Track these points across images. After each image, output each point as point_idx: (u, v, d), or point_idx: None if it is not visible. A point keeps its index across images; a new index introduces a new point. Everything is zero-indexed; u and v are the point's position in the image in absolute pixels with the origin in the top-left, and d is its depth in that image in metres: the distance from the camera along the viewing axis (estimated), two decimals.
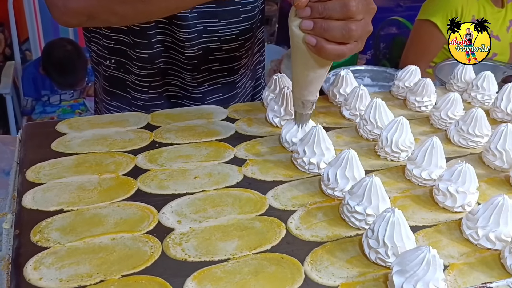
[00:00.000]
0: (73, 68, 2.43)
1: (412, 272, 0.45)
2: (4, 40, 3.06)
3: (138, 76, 0.85)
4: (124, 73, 0.86)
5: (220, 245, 0.52)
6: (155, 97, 0.87)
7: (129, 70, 0.85)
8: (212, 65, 0.86)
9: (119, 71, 0.86)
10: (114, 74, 0.86)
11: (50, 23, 2.73)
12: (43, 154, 0.66)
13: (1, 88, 2.31)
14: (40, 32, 2.72)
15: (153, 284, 0.46)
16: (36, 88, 2.51)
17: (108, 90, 0.88)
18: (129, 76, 0.85)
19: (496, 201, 0.54)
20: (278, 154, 0.70)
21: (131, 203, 0.58)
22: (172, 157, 0.67)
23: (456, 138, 0.76)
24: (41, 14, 2.70)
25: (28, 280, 0.46)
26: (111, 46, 0.84)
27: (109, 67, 0.86)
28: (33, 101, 2.52)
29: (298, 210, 0.58)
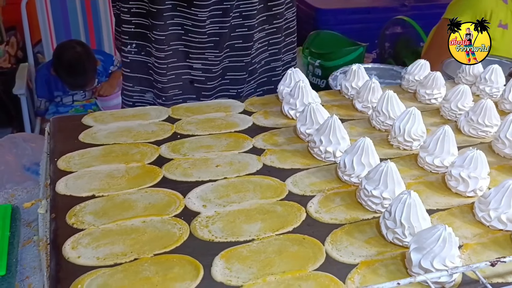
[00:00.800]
0: (82, 69, 2.48)
1: (429, 249, 0.48)
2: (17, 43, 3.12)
3: (157, 58, 0.89)
4: (145, 56, 0.90)
5: (244, 227, 0.55)
6: (173, 78, 0.91)
7: (150, 52, 0.89)
8: (235, 42, 0.90)
9: (140, 54, 0.90)
10: (134, 58, 0.90)
11: (62, 25, 2.79)
12: (71, 145, 0.69)
13: (16, 89, 2.36)
14: (52, 35, 2.77)
15: (183, 262, 0.49)
16: (49, 89, 2.56)
17: (128, 76, 0.92)
18: (149, 59, 0.90)
19: (507, 184, 0.57)
20: (294, 144, 0.73)
21: (158, 189, 0.61)
22: (194, 147, 0.71)
23: (466, 128, 0.78)
24: (53, 16, 2.75)
25: (68, 258, 0.49)
26: (131, 30, 0.88)
27: (130, 52, 0.90)
28: (46, 102, 2.57)
29: (317, 195, 0.61)
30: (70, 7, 2.79)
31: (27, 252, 0.59)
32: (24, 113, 2.42)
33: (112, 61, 2.72)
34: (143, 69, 0.92)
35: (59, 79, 2.51)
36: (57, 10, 2.76)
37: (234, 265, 0.49)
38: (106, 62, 2.68)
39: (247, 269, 0.49)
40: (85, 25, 2.87)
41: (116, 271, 0.48)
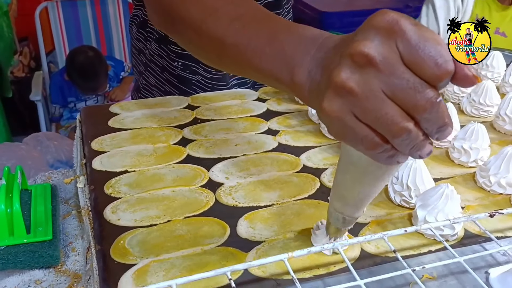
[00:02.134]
0: (94, 73, 2.56)
1: (433, 206, 0.53)
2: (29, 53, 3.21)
3: (203, 77, 0.93)
4: (190, 74, 0.93)
5: (264, 195, 0.60)
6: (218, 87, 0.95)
7: (195, 71, 0.92)
8: None
9: (185, 72, 0.93)
10: (181, 74, 0.93)
11: (74, 33, 2.88)
12: (102, 130, 0.75)
13: (33, 95, 2.45)
14: (65, 43, 2.87)
15: (211, 222, 0.55)
16: (63, 95, 2.65)
17: (176, 85, 0.94)
18: (194, 76, 0.92)
19: (505, 151, 0.61)
20: (307, 125, 0.78)
21: (184, 164, 0.67)
22: (214, 129, 0.76)
23: (468, 109, 0.83)
24: (65, 25, 2.85)
25: (109, 221, 0.55)
26: (177, 51, 0.91)
27: (177, 67, 0.92)
28: (60, 108, 2.65)
29: (329, 168, 0.67)
30: (82, 16, 2.89)
31: (67, 224, 0.64)
32: (41, 118, 2.51)
33: (122, 67, 2.80)
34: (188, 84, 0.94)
35: (72, 86, 2.59)
36: (69, 19, 2.86)
37: (257, 225, 0.55)
38: (117, 68, 2.77)
39: (269, 228, 0.54)
40: (96, 32, 2.96)
41: (152, 230, 0.54)
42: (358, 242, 0.49)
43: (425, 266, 0.46)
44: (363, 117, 0.34)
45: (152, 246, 0.51)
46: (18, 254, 0.55)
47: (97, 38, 2.96)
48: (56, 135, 1.77)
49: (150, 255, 0.50)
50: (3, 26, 2.66)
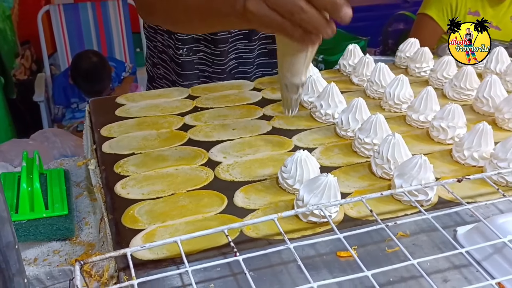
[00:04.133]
0: (98, 77, 2.62)
1: (409, 174, 0.59)
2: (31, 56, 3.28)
3: (204, 53, 1.01)
4: (192, 55, 1.01)
5: (259, 171, 0.67)
6: (218, 71, 1.03)
7: (197, 50, 1.00)
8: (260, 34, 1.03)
9: (189, 55, 1.01)
10: (184, 60, 1.01)
11: (75, 36, 2.95)
12: (110, 119, 0.81)
13: (36, 96, 2.52)
14: (67, 45, 2.94)
15: (211, 195, 0.61)
16: (66, 96, 2.71)
17: (180, 73, 1.03)
18: (196, 55, 1.01)
19: (478, 127, 0.68)
20: (299, 111, 0.83)
21: (185, 147, 0.73)
22: (213, 116, 0.83)
23: (450, 93, 0.89)
24: (67, 27, 2.92)
25: (119, 194, 0.61)
26: (183, 38, 0.99)
27: (182, 54, 1.00)
28: (63, 109, 2.72)
29: (319, 147, 0.73)
30: (83, 18, 2.96)
31: (80, 202, 0.71)
32: (43, 119, 2.58)
33: (124, 67, 2.87)
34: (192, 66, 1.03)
35: (75, 87, 2.66)
36: (71, 22, 2.93)
37: (251, 196, 0.61)
38: (118, 69, 2.83)
39: (262, 198, 0.61)
40: (98, 35, 3.03)
41: (158, 202, 0.60)
42: (339, 204, 0.55)
43: (397, 222, 0.52)
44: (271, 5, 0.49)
45: (159, 215, 0.57)
46: (38, 227, 0.62)
47: (98, 40, 3.02)
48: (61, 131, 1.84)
49: (157, 222, 0.56)
50: (6, 30, 2.73)
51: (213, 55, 1.02)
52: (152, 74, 1.13)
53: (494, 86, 0.81)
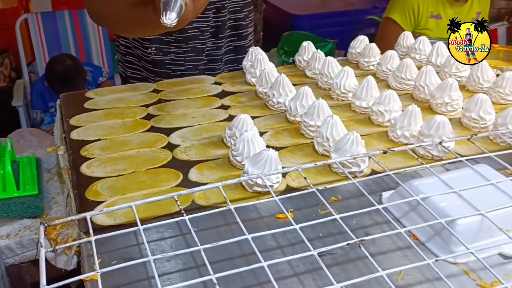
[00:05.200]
0: (73, 80, 2.66)
1: (343, 149, 0.67)
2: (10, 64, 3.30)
3: (175, 54, 1.07)
4: (163, 55, 1.07)
5: (213, 151, 0.74)
6: (190, 67, 1.09)
7: (167, 51, 1.07)
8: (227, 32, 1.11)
9: (159, 55, 1.07)
10: (155, 58, 1.08)
11: (54, 43, 2.99)
12: (79, 110, 0.87)
13: (15, 101, 2.55)
14: (45, 52, 2.97)
15: (168, 172, 0.68)
16: (44, 101, 2.75)
17: (151, 70, 1.09)
18: (167, 56, 1.07)
19: (408, 109, 0.76)
20: (255, 101, 0.92)
21: (148, 133, 0.79)
22: (175, 107, 0.89)
23: (393, 84, 0.98)
24: (45, 35, 2.96)
25: (84, 173, 0.67)
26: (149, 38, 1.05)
27: (151, 53, 1.07)
28: (41, 113, 2.75)
29: (270, 131, 0.80)
30: (61, 26, 3.00)
31: (50, 185, 0.77)
32: (22, 123, 2.60)
33: (101, 72, 2.91)
34: (162, 65, 1.09)
35: (52, 91, 2.70)
36: (49, 30, 2.97)
37: (204, 172, 0.68)
38: (95, 73, 2.88)
39: (214, 174, 0.68)
40: (75, 42, 3.07)
41: (119, 179, 0.66)
42: (278, 173, 0.62)
43: (327, 186, 0.59)
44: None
45: (119, 189, 0.64)
46: (10, 205, 0.68)
47: (76, 47, 3.07)
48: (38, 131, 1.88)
49: (117, 195, 0.63)
50: None
51: (185, 53, 1.08)
52: (125, 75, 1.18)
53: (429, 76, 0.90)
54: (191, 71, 1.10)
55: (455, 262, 0.52)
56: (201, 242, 0.51)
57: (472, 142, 0.70)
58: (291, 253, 0.53)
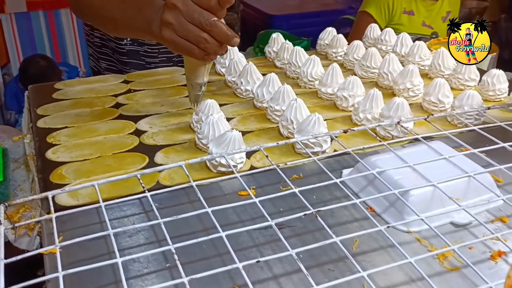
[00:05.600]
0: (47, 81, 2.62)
1: (306, 130, 0.68)
2: None
3: (149, 46, 1.08)
4: (137, 46, 1.07)
5: (180, 136, 0.75)
6: (164, 60, 1.09)
7: (142, 42, 1.07)
8: None
9: (133, 45, 1.08)
10: (130, 48, 1.08)
11: (28, 43, 2.95)
12: (47, 100, 0.87)
13: None
14: (19, 53, 2.93)
15: (134, 156, 0.69)
16: (18, 102, 2.70)
17: (126, 61, 1.09)
18: (142, 48, 1.07)
19: (370, 93, 0.78)
20: (224, 90, 0.93)
21: (116, 120, 0.80)
22: (144, 96, 0.90)
23: (359, 72, 1.01)
24: (19, 35, 2.92)
25: (50, 159, 0.68)
26: None
27: (126, 44, 1.07)
28: (16, 114, 2.71)
29: (237, 117, 0.82)
30: (36, 26, 2.97)
31: (16, 174, 0.76)
32: None
33: (77, 72, 2.89)
34: (137, 56, 1.10)
35: None
36: (23, 30, 2.93)
37: (170, 155, 0.69)
38: (71, 73, 2.85)
39: (180, 156, 0.69)
40: (50, 42, 3.04)
41: (85, 163, 0.67)
42: (241, 152, 0.64)
43: (287, 163, 0.61)
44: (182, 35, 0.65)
45: (84, 172, 0.64)
46: None
47: (51, 47, 3.03)
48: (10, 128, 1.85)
49: (82, 178, 0.63)
50: None
51: (159, 44, 1.09)
52: (96, 69, 1.18)
53: (392, 63, 0.93)
54: (165, 63, 1.11)
55: (408, 231, 0.55)
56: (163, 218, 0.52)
57: (429, 122, 0.73)
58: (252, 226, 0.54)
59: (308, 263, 0.50)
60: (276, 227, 0.51)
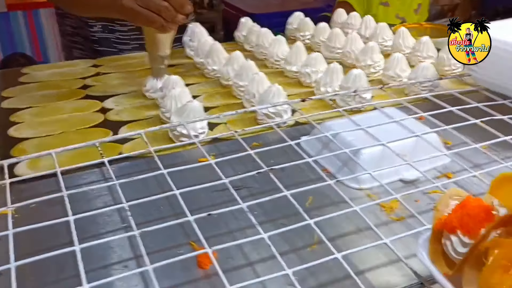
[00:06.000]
0: None
1: (267, 101, 0.70)
2: None
3: (120, 33, 1.08)
4: (108, 33, 1.08)
5: (146, 113, 0.76)
6: (137, 47, 1.10)
7: (113, 29, 1.08)
8: None
9: (105, 32, 1.08)
10: (101, 36, 1.08)
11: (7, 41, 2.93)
12: (13, 84, 0.88)
13: None
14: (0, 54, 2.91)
15: (98, 131, 0.70)
16: None
17: (98, 50, 1.09)
18: (113, 34, 1.08)
19: (329, 67, 0.81)
20: (193, 71, 0.95)
21: (82, 100, 0.81)
22: (113, 78, 0.91)
23: (325, 53, 1.02)
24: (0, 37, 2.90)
25: (12, 135, 0.68)
26: None
27: (97, 31, 1.07)
28: None
29: (203, 95, 0.83)
30: (15, 26, 2.94)
31: None
32: None
33: None
34: (109, 44, 1.10)
35: None
36: (3, 30, 2.91)
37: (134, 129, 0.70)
38: None
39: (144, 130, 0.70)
40: (31, 41, 3.02)
41: (48, 138, 0.68)
42: (200, 120, 0.65)
43: (245, 129, 0.63)
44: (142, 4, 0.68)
45: (46, 146, 0.64)
46: None
47: (31, 46, 3.01)
48: None
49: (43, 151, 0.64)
50: None
51: (130, 31, 1.09)
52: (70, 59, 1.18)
53: (355, 42, 0.96)
54: (138, 50, 1.11)
55: (360, 188, 0.57)
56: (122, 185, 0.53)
57: (384, 90, 0.75)
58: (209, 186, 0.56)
59: (261, 218, 0.51)
60: (231, 187, 0.52)
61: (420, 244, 0.41)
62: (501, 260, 0.36)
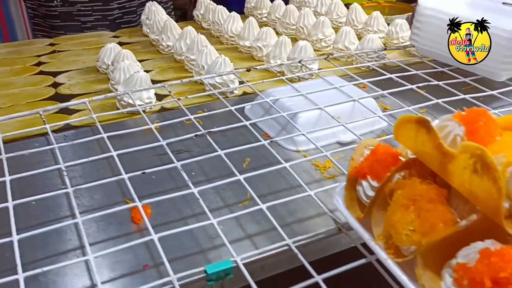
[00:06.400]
0: None
1: (213, 71, 0.72)
2: None
3: (82, 4, 1.07)
4: (70, 6, 1.07)
5: (97, 86, 0.77)
6: (100, 18, 1.10)
7: (73, 1, 1.07)
8: None
9: (65, 6, 1.07)
10: (62, 10, 1.07)
11: None
12: None
13: None
14: None
15: (48, 103, 0.71)
16: None
17: (60, 25, 1.08)
18: (75, 7, 1.07)
19: (278, 40, 0.83)
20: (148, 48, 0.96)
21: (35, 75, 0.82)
22: (68, 55, 0.92)
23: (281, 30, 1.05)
24: None
25: None
26: None
27: (57, 6, 1.07)
28: None
29: (156, 69, 0.85)
30: None
31: None
32: None
33: None
34: (71, 17, 1.10)
35: None
36: None
37: None
38: None
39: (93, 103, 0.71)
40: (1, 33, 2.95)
41: None
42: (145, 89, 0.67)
43: (188, 96, 0.65)
44: None
45: None
46: None
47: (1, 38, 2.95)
48: None
49: None
50: None
51: (92, 2, 1.09)
52: None
53: (307, 17, 0.98)
54: (102, 21, 1.11)
55: (297, 150, 0.60)
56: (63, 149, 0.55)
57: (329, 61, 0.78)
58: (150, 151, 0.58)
59: (198, 178, 0.54)
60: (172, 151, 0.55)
61: (337, 192, 0.44)
62: (403, 199, 0.39)
